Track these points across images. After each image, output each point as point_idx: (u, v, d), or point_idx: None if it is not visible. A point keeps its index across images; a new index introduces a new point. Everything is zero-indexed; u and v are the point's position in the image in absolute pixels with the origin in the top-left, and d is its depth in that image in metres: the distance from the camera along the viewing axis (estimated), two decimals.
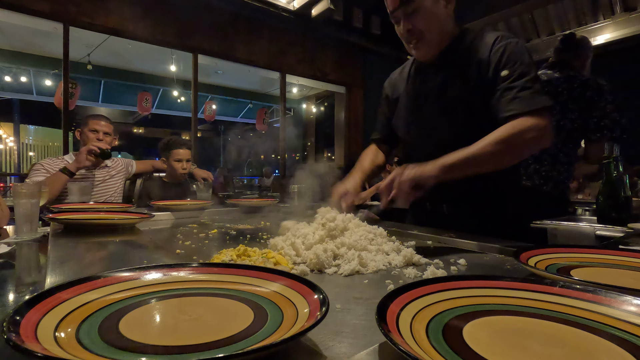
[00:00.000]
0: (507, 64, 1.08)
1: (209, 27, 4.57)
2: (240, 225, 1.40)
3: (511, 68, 1.07)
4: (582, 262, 0.71)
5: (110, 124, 2.46)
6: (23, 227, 1.16)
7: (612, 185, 1.35)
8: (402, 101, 1.37)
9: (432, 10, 1.14)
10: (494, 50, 1.11)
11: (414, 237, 1.10)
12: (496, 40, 1.12)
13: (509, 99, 1.06)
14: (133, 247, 0.94)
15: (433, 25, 1.16)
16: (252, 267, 0.57)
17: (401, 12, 1.16)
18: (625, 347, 0.35)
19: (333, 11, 4.57)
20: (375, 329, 0.36)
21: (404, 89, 1.36)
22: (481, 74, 1.13)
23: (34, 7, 3.52)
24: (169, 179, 2.71)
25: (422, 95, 1.28)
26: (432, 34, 1.17)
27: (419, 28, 1.16)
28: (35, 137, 10.66)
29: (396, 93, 1.41)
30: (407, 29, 1.17)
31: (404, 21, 1.17)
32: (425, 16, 1.14)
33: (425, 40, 1.18)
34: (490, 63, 1.11)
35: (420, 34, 1.17)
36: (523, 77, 1.06)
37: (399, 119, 1.38)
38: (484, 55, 1.13)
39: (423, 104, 1.28)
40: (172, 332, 0.39)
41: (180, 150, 2.62)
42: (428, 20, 1.14)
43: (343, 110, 6.13)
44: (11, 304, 0.63)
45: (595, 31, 4.04)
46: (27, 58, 5.98)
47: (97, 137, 2.36)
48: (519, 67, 1.07)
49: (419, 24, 1.15)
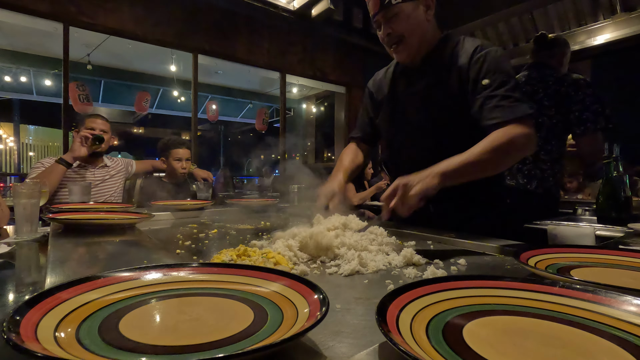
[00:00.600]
0: (488, 73, 1.11)
1: (209, 27, 4.56)
2: (240, 225, 1.40)
3: (492, 77, 1.10)
4: (582, 262, 0.71)
5: (107, 122, 2.45)
6: (23, 227, 1.16)
7: (612, 185, 1.35)
8: (386, 104, 1.38)
9: (411, 15, 1.17)
10: (474, 59, 1.14)
11: (414, 237, 1.10)
12: (476, 50, 1.15)
13: (491, 107, 1.08)
14: (133, 247, 0.94)
15: (412, 29, 1.18)
16: (252, 267, 0.57)
17: (381, 17, 1.19)
18: (625, 347, 0.35)
19: (333, 11, 4.57)
20: (375, 329, 0.36)
21: (387, 92, 1.38)
22: (462, 81, 1.16)
23: (34, 7, 3.51)
24: (169, 179, 2.71)
25: (406, 100, 1.31)
26: (411, 38, 1.19)
27: (398, 32, 1.18)
28: (35, 137, 10.65)
29: (380, 94, 1.42)
30: (386, 33, 1.20)
31: (384, 25, 1.20)
32: (404, 20, 1.16)
33: (406, 44, 1.20)
34: (470, 71, 1.14)
35: (399, 37, 1.19)
36: (503, 85, 1.09)
37: (384, 122, 1.40)
38: (464, 63, 1.16)
39: (407, 108, 1.30)
40: (172, 332, 0.39)
41: (180, 150, 2.62)
42: (407, 24, 1.17)
43: (343, 110, 6.13)
44: (11, 304, 0.63)
45: (595, 31, 4.03)
46: (27, 58, 5.97)
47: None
48: (499, 76, 1.10)
49: (398, 28, 1.18)
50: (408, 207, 0.93)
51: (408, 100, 1.30)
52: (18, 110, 9.42)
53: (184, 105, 7.79)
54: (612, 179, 1.37)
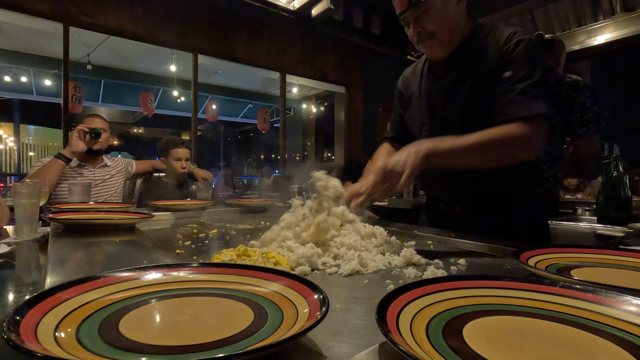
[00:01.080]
0: (512, 64, 1.05)
1: (209, 27, 4.57)
2: (240, 225, 1.40)
3: (515, 69, 1.04)
4: (582, 262, 0.71)
5: (105, 121, 2.43)
6: (23, 227, 1.16)
7: (612, 185, 1.35)
8: (414, 100, 1.34)
9: (442, 10, 1.09)
10: (504, 48, 1.08)
11: (414, 237, 1.10)
12: (508, 37, 1.08)
13: (505, 102, 1.04)
14: (133, 247, 0.94)
15: (444, 25, 1.11)
16: (252, 267, 0.57)
17: (410, 15, 1.11)
18: (625, 347, 0.35)
19: (333, 11, 4.57)
20: (375, 329, 0.36)
21: (416, 87, 1.34)
22: (490, 72, 1.09)
23: (34, 7, 3.52)
24: (169, 179, 2.71)
25: (434, 94, 1.25)
26: (443, 34, 1.13)
27: (429, 29, 1.12)
28: (35, 137, 10.65)
29: (409, 91, 1.38)
30: (417, 31, 1.13)
31: (413, 23, 1.13)
32: (435, 17, 1.10)
33: (437, 40, 1.14)
34: (500, 61, 1.08)
35: (431, 34, 1.13)
36: (524, 80, 1.03)
37: (412, 118, 1.36)
38: (495, 53, 1.09)
39: (435, 103, 1.25)
40: (172, 332, 0.39)
41: (180, 150, 2.62)
42: (439, 20, 1.10)
43: (343, 110, 6.12)
44: (11, 304, 0.63)
45: (595, 31, 4.04)
46: (27, 58, 5.98)
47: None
48: (523, 69, 1.04)
49: (430, 26, 1.11)
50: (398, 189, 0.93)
51: (436, 95, 1.24)
52: (18, 110, 9.42)
53: (184, 105, 7.79)
54: (612, 179, 1.36)
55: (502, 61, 1.07)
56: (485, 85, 1.11)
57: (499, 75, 1.07)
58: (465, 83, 1.15)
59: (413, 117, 1.36)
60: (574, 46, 4.14)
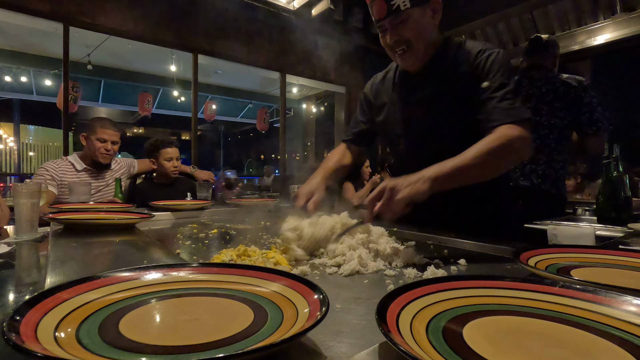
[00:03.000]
0: (488, 75, 1.10)
1: (209, 27, 4.56)
2: (240, 225, 1.40)
3: (491, 79, 1.09)
4: (582, 262, 0.71)
5: (117, 130, 2.39)
6: (23, 227, 1.16)
7: (612, 185, 1.35)
8: (389, 111, 1.35)
9: (419, 21, 1.12)
10: (476, 62, 1.13)
11: (414, 237, 1.10)
12: (479, 53, 1.14)
13: (489, 109, 1.07)
14: (133, 247, 0.94)
15: (420, 35, 1.14)
16: (252, 267, 0.57)
17: (388, 22, 1.13)
18: (625, 347, 0.35)
19: (333, 11, 4.57)
20: (375, 329, 0.36)
21: (389, 98, 1.35)
22: (466, 87, 1.14)
23: (34, 7, 3.51)
24: (159, 180, 2.68)
25: (410, 107, 1.28)
26: (419, 44, 1.16)
27: (406, 38, 1.14)
28: (35, 137, 10.65)
29: (379, 100, 1.40)
30: (394, 39, 1.15)
31: (390, 31, 1.15)
32: (412, 26, 1.12)
33: (413, 50, 1.16)
34: (473, 76, 1.12)
35: (407, 43, 1.15)
36: (502, 88, 1.07)
37: (387, 129, 1.38)
38: (468, 68, 1.14)
39: (411, 115, 1.28)
40: (172, 332, 0.39)
41: (169, 149, 2.58)
42: (416, 30, 1.13)
43: (343, 110, 6.12)
44: (11, 304, 0.63)
45: (595, 31, 4.03)
46: (27, 58, 5.97)
47: (105, 147, 2.31)
48: (498, 78, 1.08)
49: (407, 34, 1.13)
50: (392, 212, 0.87)
51: (412, 107, 1.27)
52: (18, 110, 9.42)
53: (184, 105, 7.78)
54: (612, 179, 1.36)
55: (476, 74, 1.12)
56: (460, 98, 1.15)
57: (474, 86, 1.11)
58: (441, 96, 1.19)
59: (388, 127, 1.37)
60: (574, 46, 4.14)
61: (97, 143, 2.30)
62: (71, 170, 2.31)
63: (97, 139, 2.30)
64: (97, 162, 2.34)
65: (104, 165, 2.37)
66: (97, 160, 2.33)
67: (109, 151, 2.33)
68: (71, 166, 2.32)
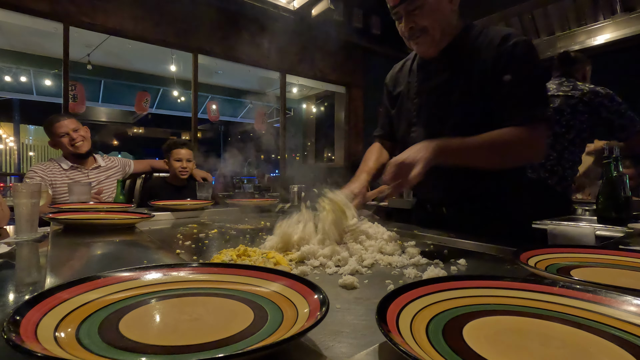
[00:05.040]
0: (512, 68, 1.04)
1: (209, 27, 4.57)
2: (240, 225, 1.40)
3: (515, 73, 1.04)
4: (582, 262, 0.71)
5: (69, 117, 2.39)
6: (23, 227, 1.16)
7: (612, 185, 1.35)
8: (403, 98, 1.32)
9: (435, 6, 1.08)
10: (500, 50, 1.07)
11: (414, 237, 1.10)
12: (503, 40, 1.07)
13: (509, 106, 1.05)
14: (133, 247, 0.94)
15: (436, 22, 1.10)
16: (252, 267, 0.57)
17: (403, 9, 1.09)
18: (625, 347, 0.35)
19: (333, 11, 4.57)
20: (375, 329, 0.36)
21: (405, 86, 1.32)
22: (485, 75, 1.08)
23: (34, 7, 3.51)
24: (171, 180, 2.69)
25: (424, 93, 1.24)
26: (435, 31, 1.11)
27: (421, 25, 1.10)
28: (35, 137, 10.64)
29: (397, 88, 1.37)
30: (409, 27, 1.11)
31: (405, 18, 1.11)
32: (428, 13, 1.08)
33: (429, 36, 1.12)
34: (495, 65, 1.07)
35: (423, 30, 1.11)
36: (526, 84, 1.03)
37: (401, 117, 1.34)
38: (489, 55, 1.08)
39: (426, 102, 1.24)
40: (172, 332, 0.39)
41: (181, 150, 2.60)
42: (431, 16, 1.08)
43: (343, 110, 6.12)
44: (11, 304, 0.63)
45: (595, 31, 4.03)
46: (27, 58, 5.97)
47: (69, 138, 2.32)
48: (522, 73, 1.04)
49: (422, 21, 1.09)
50: (410, 184, 0.92)
51: (426, 94, 1.23)
52: (18, 110, 9.41)
53: (184, 105, 7.78)
54: (612, 179, 1.36)
55: (499, 63, 1.06)
56: (478, 86, 1.10)
57: (496, 76, 1.06)
58: (457, 83, 1.14)
59: (402, 115, 1.34)
60: (574, 46, 4.13)
61: (62, 139, 2.32)
62: (59, 170, 2.33)
63: (58, 135, 2.32)
64: (75, 154, 2.35)
65: (83, 154, 2.38)
66: (74, 153, 2.35)
67: (75, 139, 2.33)
68: (58, 166, 2.35)
